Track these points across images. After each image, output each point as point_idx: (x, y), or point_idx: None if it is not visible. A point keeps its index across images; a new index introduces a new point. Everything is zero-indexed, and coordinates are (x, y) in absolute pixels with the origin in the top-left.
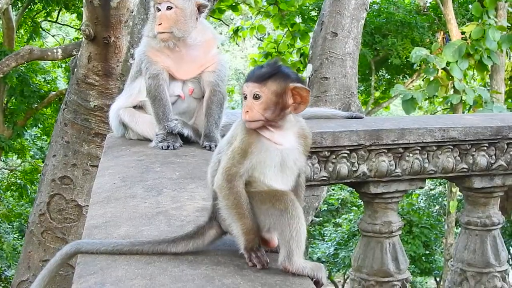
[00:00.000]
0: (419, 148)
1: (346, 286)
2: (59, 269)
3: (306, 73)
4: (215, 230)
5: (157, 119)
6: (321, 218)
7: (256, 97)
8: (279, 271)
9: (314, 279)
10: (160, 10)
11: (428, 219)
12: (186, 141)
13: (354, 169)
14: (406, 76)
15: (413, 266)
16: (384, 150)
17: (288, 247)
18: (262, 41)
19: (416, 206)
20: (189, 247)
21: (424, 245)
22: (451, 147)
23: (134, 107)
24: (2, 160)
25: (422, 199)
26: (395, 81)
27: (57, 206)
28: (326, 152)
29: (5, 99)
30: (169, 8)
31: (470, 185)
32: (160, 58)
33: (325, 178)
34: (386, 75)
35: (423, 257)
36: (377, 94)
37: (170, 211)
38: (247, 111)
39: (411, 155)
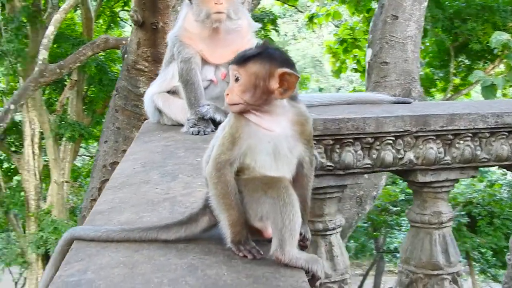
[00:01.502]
0: (470, 134)
1: None
2: (64, 255)
3: (366, 58)
4: (208, 218)
5: (189, 104)
6: (398, 208)
7: (236, 79)
8: (271, 262)
9: (310, 272)
10: None
11: (510, 210)
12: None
13: (399, 156)
14: (488, 61)
15: (494, 258)
16: (432, 137)
17: (280, 236)
18: (339, 27)
19: (498, 197)
20: (181, 234)
21: (506, 237)
22: (506, 133)
23: (168, 92)
24: (82, 147)
25: (505, 189)
26: (475, 67)
27: None
28: (369, 139)
29: (85, 87)
30: None
31: None
32: (194, 41)
33: (368, 165)
34: (466, 61)
35: (505, 250)
36: (457, 81)
37: (178, 197)
38: (228, 94)
39: (461, 142)
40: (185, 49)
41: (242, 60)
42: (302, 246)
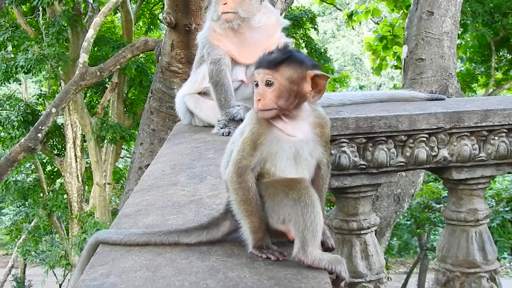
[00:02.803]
0: (505, 130)
1: None
2: (90, 258)
3: (402, 55)
4: (229, 222)
5: (219, 105)
6: (442, 205)
7: (268, 83)
8: (294, 264)
9: (333, 273)
10: None
11: None
12: None
13: (433, 153)
14: None
15: None
16: (466, 133)
17: (302, 238)
18: (378, 24)
19: None
20: (202, 238)
21: None
22: None
23: (199, 93)
24: (124, 148)
25: None
26: None
27: None
28: (402, 136)
29: (125, 90)
30: None
31: None
32: (222, 42)
33: (402, 163)
34: (508, 55)
35: None
36: (499, 75)
37: (204, 199)
38: (259, 100)
39: (496, 138)
40: (214, 50)
41: (274, 64)
42: (326, 248)
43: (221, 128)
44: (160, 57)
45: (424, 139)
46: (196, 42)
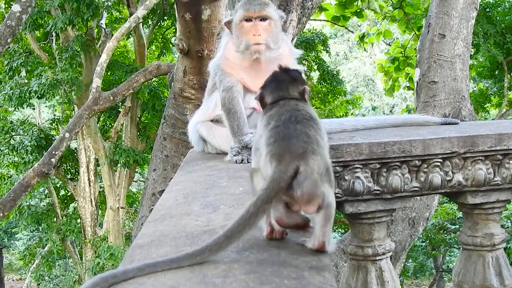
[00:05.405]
0: None
1: None
2: None
3: (415, 78)
4: None
5: (232, 133)
6: (457, 226)
7: None
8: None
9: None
10: (251, 21)
11: None
12: None
13: (448, 178)
14: None
15: None
16: (480, 158)
17: None
18: (390, 46)
19: None
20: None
21: None
22: None
23: (212, 121)
24: (137, 172)
25: None
26: None
27: None
28: (416, 161)
29: (138, 114)
30: (263, 19)
31: None
32: (235, 70)
33: (416, 188)
34: None
35: None
36: None
37: (217, 229)
38: None
39: (511, 161)
40: (226, 78)
41: None
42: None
43: (234, 155)
44: (172, 83)
45: (439, 163)
46: (208, 69)
